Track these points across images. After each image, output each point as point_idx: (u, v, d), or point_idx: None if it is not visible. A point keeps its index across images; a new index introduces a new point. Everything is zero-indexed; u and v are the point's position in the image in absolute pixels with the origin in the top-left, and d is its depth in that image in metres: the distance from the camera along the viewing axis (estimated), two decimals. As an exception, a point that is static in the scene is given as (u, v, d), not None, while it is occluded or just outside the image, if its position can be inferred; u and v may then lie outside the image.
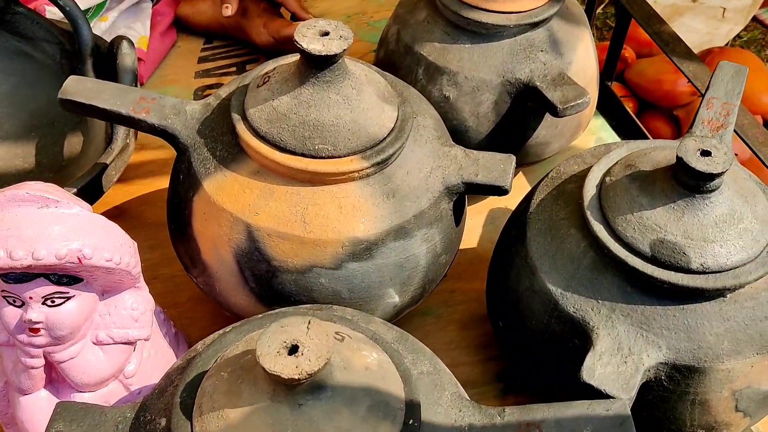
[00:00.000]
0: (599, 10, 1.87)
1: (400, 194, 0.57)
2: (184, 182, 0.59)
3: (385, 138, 0.56)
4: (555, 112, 0.69)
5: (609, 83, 0.95)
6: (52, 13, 0.85)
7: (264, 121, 0.55)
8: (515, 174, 0.84)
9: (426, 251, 0.59)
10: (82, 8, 0.88)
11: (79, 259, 0.48)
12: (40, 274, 0.49)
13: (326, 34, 0.54)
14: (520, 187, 0.79)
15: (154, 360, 0.60)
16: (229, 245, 0.56)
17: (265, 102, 0.56)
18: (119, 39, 0.74)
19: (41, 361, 0.53)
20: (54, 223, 0.48)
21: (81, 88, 0.61)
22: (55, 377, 0.56)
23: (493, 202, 0.83)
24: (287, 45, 0.93)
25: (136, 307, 0.56)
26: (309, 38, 0.53)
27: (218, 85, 0.95)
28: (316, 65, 0.54)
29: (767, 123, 1.62)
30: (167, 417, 0.45)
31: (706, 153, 0.50)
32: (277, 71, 0.58)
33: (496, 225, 0.80)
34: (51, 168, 0.80)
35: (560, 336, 0.54)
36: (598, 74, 0.80)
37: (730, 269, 0.51)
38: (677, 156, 0.50)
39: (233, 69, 0.98)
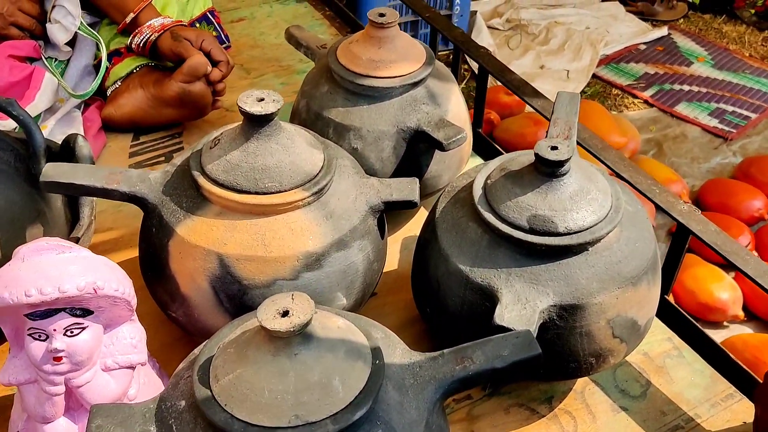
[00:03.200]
0: (463, 85, 2.14)
1: (336, 215, 0.72)
2: (158, 233, 0.72)
3: (318, 173, 0.72)
4: (441, 148, 0.87)
5: (479, 130, 1.15)
6: (2, 125, 0.96)
7: (221, 172, 0.70)
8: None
9: (362, 259, 0.74)
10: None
11: (94, 289, 0.60)
12: (60, 309, 0.61)
13: (262, 99, 0.70)
14: (423, 215, 0.97)
15: (149, 386, 0.71)
16: (205, 275, 0.70)
17: (219, 158, 0.71)
18: (73, 136, 0.87)
19: (63, 388, 0.64)
20: (71, 264, 0.60)
21: (59, 171, 0.74)
22: (71, 405, 0.66)
23: (405, 232, 1.00)
24: (191, 77, 1.08)
25: (134, 335, 0.68)
26: (249, 103, 0.69)
27: (151, 174, 1.08)
28: (258, 123, 0.70)
29: (618, 159, 1.90)
30: (185, 398, 0.57)
31: (554, 148, 0.69)
32: (224, 135, 0.73)
33: (409, 250, 0.97)
34: (17, 257, 0.90)
35: (474, 304, 0.70)
36: (469, 119, 0.99)
37: (587, 228, 0.69)
38: (534, 152, 0.69)
39: (162, 159, 1.12)
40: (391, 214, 0.91)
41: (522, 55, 2.41)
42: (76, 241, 0.81)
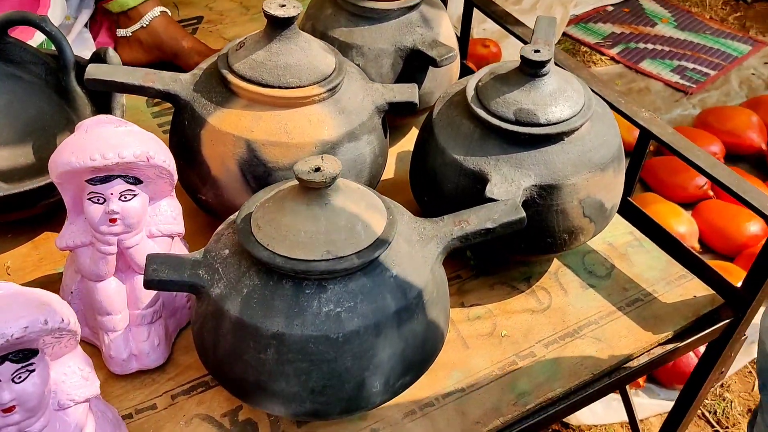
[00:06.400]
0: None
1: (347, 111, 0.83)
2: (190, 125, 0.82)
3: (331, 73, 0.83)
4: (435, 64, 0.98)
5: (465, 61, 1.26)
6: (34, 41, 1.05)
7: (248, 69, 0.80)
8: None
9: (369, 151, 0.85)
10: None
11: (147, 158, 0.70)
12: (117, 176, 0.71)
13: (284, 5, 0.80)
14: (414, 134, 1.08)
15: (183, 258, 0.81)
16: (234, 158, 0.80)
17: (245, 57, 0.81)
18: (104, 49, 0.96)
19: (115, 248, 0.73)
20: (127, 136, 0.70)
21: (100, 71, 0.83)
22: (120, 267, 0.76)
23: (399, 147, 1.11)
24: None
25: (173, 209, 0.78)
26: (273, 8, 0.79)
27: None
28: (280, 26, 0.80)
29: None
30: (228, 248, 0.68)
31: (537, 51, 0.80)
32: (248, 38, 0.83)
33: (404, 161, 1.08)
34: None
35: (467, 187, 0.82)
36: (457, 43, 1.10)
37: (564, 121, 0.80)
38: (521, 55, 0.80)
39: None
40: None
41: (496, 13, 2.51)
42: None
